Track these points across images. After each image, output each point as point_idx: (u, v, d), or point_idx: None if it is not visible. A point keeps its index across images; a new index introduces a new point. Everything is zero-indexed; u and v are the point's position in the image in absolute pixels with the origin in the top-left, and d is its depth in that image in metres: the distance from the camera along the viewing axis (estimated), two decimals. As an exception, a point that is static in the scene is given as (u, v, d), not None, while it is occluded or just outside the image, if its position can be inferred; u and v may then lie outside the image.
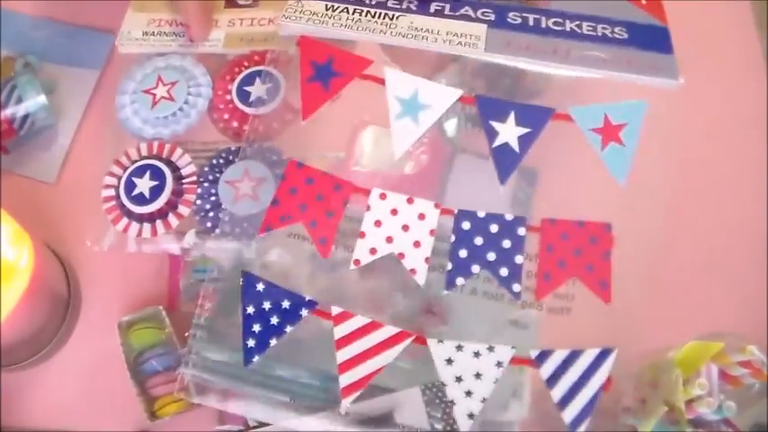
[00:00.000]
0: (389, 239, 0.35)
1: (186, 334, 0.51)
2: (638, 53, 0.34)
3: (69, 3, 0.64)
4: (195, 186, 0.51)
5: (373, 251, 0.35)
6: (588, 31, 0.35)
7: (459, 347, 0.35)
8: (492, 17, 0.36)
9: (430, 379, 0.47)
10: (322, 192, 0.36)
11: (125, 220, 0.51)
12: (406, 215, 0.35)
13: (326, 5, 0.38)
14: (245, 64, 0.55)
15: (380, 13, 0.37)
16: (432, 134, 0.62)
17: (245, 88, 0.54)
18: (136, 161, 0.52)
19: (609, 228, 0.36)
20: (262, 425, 0.50)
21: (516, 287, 0.35)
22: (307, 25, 0.38)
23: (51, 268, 0.54)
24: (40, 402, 0.54)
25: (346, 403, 0.35)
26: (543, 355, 0.35)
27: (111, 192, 0.52)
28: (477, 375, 0.34)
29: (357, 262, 0.35)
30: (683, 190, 0.62)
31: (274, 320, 0.36)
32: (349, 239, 0.35)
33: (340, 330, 0.35)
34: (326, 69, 0.35)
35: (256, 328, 0.36)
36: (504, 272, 0.35)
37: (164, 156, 0.52)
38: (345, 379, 0.34)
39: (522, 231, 0.35)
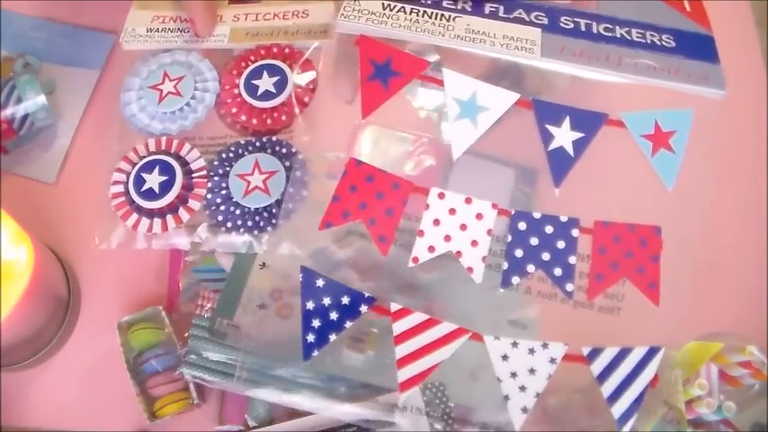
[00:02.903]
0: (447, 238, 0.36)
1: (186, 334, 0.51)
2: (685, 62, 0.34)
3: (69, 3, 0.64)
4: (205, 180, 0.51)
5: (431, 249, 0.36)
6: (638, 38, 0.35)
7: (514, 344, 0.36)
8: (545, 21, 0.36)
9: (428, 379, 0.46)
10: (382, 190, 0.36)
11: (135, 216, 0.51)
12: (463, 214, 0.36)
13: (384, 5, 0.37)
14: (252, 58, 0.55)
15: (437, 14, 0.37)
16: (432, 135, 0.62)
17: (253, 82, 0.54)
18: (144, 157, 0.52)
19: (658, 231, 0.37)
20: (262, 425, 0.50)
21: (569, 287, 0.36)
22: (366, 25, 0.38)
23: (51, 268, 0.54)
24: (40, 402, 0.54)
25: (404, 397, 0.36)
26: (594, 353, 0.36)
27: (120, 188, 0.52)
28: (532, 371, 0.35)
29: (416, 260, 0.36)
30: (682, 189, 0.62)
31: (333, 316, 0.36)
32: (407, 238, 0.36)
33: (399, 326, 0.36)
34: (386, 69, 0.36)
35: (316, 323, 0.37)
36: (558, 272, 0.36)
37: (172, 151, 0.52)
38: (404, 374, 0.35)
39: (575, 233, 0.36)
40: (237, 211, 0.51)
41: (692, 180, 0.38)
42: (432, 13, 0.38)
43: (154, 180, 0.51)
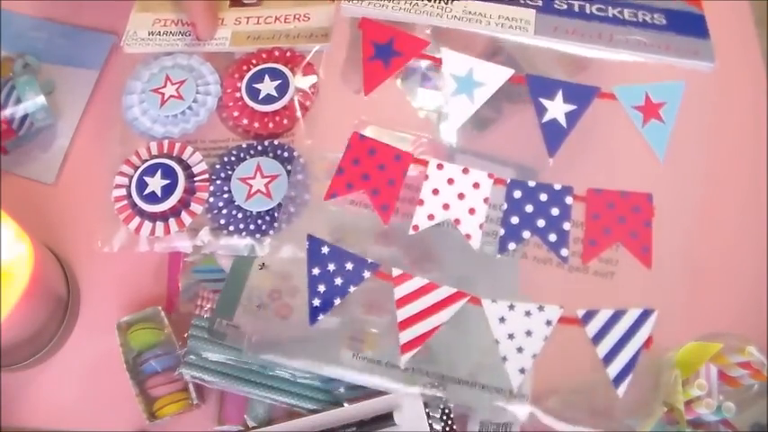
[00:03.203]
0: (446, 207, 0.38)
1: (185, 334, 0.51)
2: (676, 38, 0.36)
3: (69, 3, 0.64)
4: (207, 184, 0.51)
5: (431, 217, 0.38)
6: (629, 17, 0.37)
7: (511, 307, 0.37)
8: (540, 2, 0.38)
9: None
10: (383, 162, 0.38)
11: (137, 220, 0.51)
12: (461, 184, 0.38)
13: None
14: (254, 62, 0.55)
15: None
16: (432, 135, 0.62)
17: (255, 86, 0.54)
18: (146, 160, 0.52)
19: (650, 198, 0.38)
20: (261, 425, 0.50)
21: (564, 252, 0.37)
22: (368, 8, 0.39)
23: (51, 269, 0.54)
24: (40, 402, 0.54)
25: (406, 359, 0.38)
26: (589, 315, 0.37)
27: (122, 191, 0.52)
28: (528, 333, 0.37)
29: (416, 227, 0.38)
30: (682, 189, 0.62)
31: (338, 281, 0.38)
32: (407, 206, 0.38)
33: (399, 291, 0.37)
34: (387, 49, 0.37)
35: (321, 288, 0.39)
36: (552, 237, 0.37)
37: (174, 154, 0.52)
38: (405, 336, 0.37)
39: (569, 200, 0.37)
40: (240, 215, 0.51)
41: (683, 149, 0.39)
42: None
43: (156, 184, 0.51)
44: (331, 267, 0.38)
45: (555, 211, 0.37)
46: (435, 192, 0.38)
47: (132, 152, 0.53)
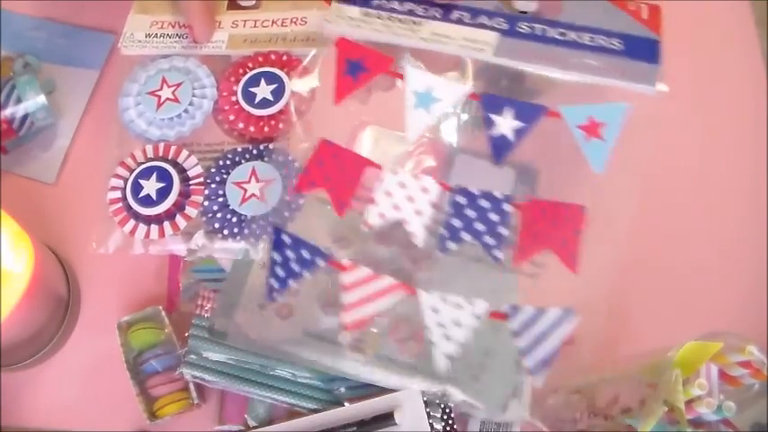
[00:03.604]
0: (396, 207, 0.42)
1: (186, 334, 0.51)
2: (627, 62, 0.39)
3: (69, 3, 0.64)
4: (202, 188, 0.51)
5: (382, 216, 0.42)
6: (588, 41, 0.40)
7: (443, 299, 0.40)
8: (505, 26, 0.42)
9: (431, 373, 0.47)
10: (344, 165, 0.42)
11: (132, 222, 0.51)
12: (411, 188, 0.42)
13: (361, 11, 0.44)
14: (250, 65, 0.55)
15: (408, 20, 0.43)
16: (433, 135, 0.62)
17: (251, 89, 0.54)
18: (142, 163, 0.52)
19: (583, 209, 0.41)
20: (261, 425, 0.50)
21: (498, 254, 0.41)
22: (346, 28, 0.44)
23: (51, 269, 0.54)
24: (40, 402, 0.54)
25: (347, 336, 0.42)
26: (514, 310, 0.40)
27: (118, 194, 0.52)
28: (457, 323, 0.40)
29: (368, 224, 0.42)
30: (683, 189, 0.62)
31: (295, 267, 0.42)
32: (362, 205, 0.42)
33: (347, 278, 0.41)
34: (358, 65, 0.42)
35: (280, 272, 0.43)
36: (489, 240, 0.41)
37: (170, 157, 0.52)
38: (348, 317, 0.41)
39: (507, 208, 0.41)
40: (234, 219, 0.51)
41: (620, 166, 0.42)
42: (403, 18, 0.43)
43: (151, 187, 0.51)
44: (290, 254, 0.42)
45: (494, 217, 0.41)
46: (388, 194, 0.42)
47: (128, 154, 0.53)
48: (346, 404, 0.48)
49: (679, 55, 0.66)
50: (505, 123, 0.38)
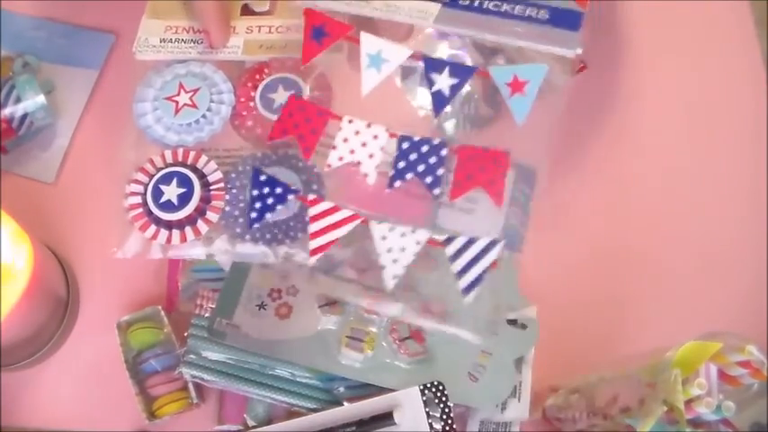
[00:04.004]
0: (352, 151, 0.49)
1: (185, 334, 0.51)
2: (550, 29, 0.46)
3: (69, 3, 0.64)
4: (223, 193, 0.51)
5: (341, 158, 0.49)
6: (518, 12, 0.48)
7: (391, 229, 0.47)
8: None
9: (428, 378, 0.47)
10: (309, 116, 0.49)
11: (153, 227, 0.50)
12: (365, 135, 0.48)
13: None
14: (266, 71, 0.55)
15: None
16: (432, 133, 0.62)
17: (269, 95, 0.54)
18: (161, 168, 0.52)
19: (508, 153, 0.48)
20: (261, 425, 0.50)
21: (437, 191, 0.48)
22: (314, 2, 0.50)
23: (50, 268, 0.54)
24: (40, 402, 0.54)
25: (313, 260, 0.48)
26: (449, 239, 0.47)
27: (138, 199, 0.51)
28: (402, 249, 0.47)
29: (329, 166, 0.49)
30: (683, 189, 0.62)
31: (270, 201, 0.49)
32: (324, 150, 0.49)
33: (313, 210, 0.48)
34: (320, 31, 0.48)
35: (257, 205, 0.49)
36: (429, 179, 0.48)
37: (189, 162, 0.52)
38: (314, 243, 0.47)
39: (444, 152, 0.48)
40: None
41: (535, 117, 0.48)
42: None
43: (172, 192, 0.51)
44: (266, 190, 0.49)
45: (432, 160, 0.48)
46: (345, 140, 0.49)
47: (145, 159, 0.53)
48: (345, 404, 0.48)
49: (679, 55, 0.67)
50: (443, 81, 0.45)
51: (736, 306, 0.58)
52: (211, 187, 0.51)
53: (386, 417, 0.46)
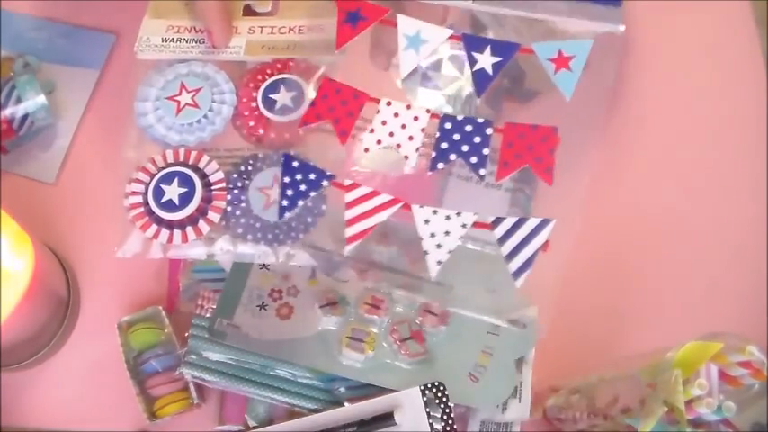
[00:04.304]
0: (391, 134, 0.48)
1: (186, 334, 0.51)
2: (592, 5, 0.45)
3: (69, 3, 0.64)
4: (225, 193, 0.51)
5: (379, 142, 0.48)
6: None
7: (434, 212, 0.46)
8: None
9: (429, 379, 0.47)
10: (345, 98, 0.48)
11: (154, 227, 0.51)
12: (404, 117, 0.47)
13: None
14: (269, 72, 0.55)
15: None
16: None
17: (271, 96, 0.54)
18: (162, 168, 0.52)
19: (556, 130, 0.47)
20: (261, 425, 0.50)
21: (482, 171, 0.47)
22: None
23: (51, 268, 0.54)
24: (40, 402, 0.54)
25: (350, 248, 0.47)
26: (497, 221, 0.46)
27: (139, 198, 0.51)
28: (447, 233, 0.45)
29: (366, 150, 0.48)
30: (684, 189, 0.62)
31: (302, 187, 0.48)
32: (362, 133, 0.48)
33: (350, 196, 0.46)
34: (356, 15, 0.48)
35: (289, 192, 0.48)
36: (473, 160, 0.47)
37: (190, 162, 0.52)
38: (351, 230, 0.46)
39: (489, 131, 0.47)
40: (257, 224, 0.51)
41: (586, 93, 0.48)
42: None
43: (173, 192, 0.51)
44: (298, 177, 0.47)
45: (477, 140, 0.46)
46: (384, 123, 0.48)
47: (146, 159, 0.53)
48: (346, 404, 0.48)
49: (680, 55, 0.67)
50: (485, 59, 0.44)
51: (737, 306, 0.58)
52: (213, 187, 0.51)
53: (386, 417, 0.46)
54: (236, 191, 0.51)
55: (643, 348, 0.46)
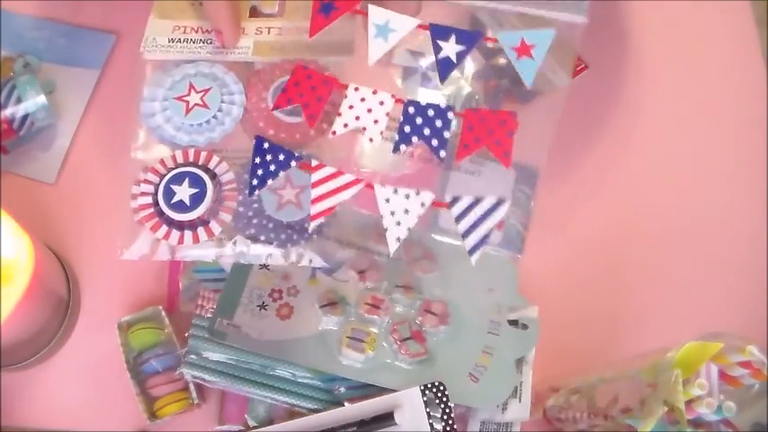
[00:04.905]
0: (357, 118, 0.49)
1: (186, 334, 0.51)
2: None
3: (69, 3, 0.64)
4: (236, 193, 0.51)
5: (345, 125, 0.49)
6: None
7: (395, 191, 0.47)
8: None
9: (428, 379, 0.47)
10: (315, 84, 0.50)
11: (165, 228, 0.50)
12: (370, 102, 0.49)
13: None
14: (277, 72, 0.55)
15: None
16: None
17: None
18: (172, 168, 0.52)
19: (515, 115, 0.48)
20: (262, 425, 0.50)
21: (442, 153, 0.48)
22: None
23: (51, 268, 0.54)
24: (40, 402, 0.54)
25: (314, 224, 0.48)
26: (455, 200, 0.47)
27: (148, 199, 0.51)
28: (406, 211, 0.47)
29: (334, 132, 0.50)
30: (683, 189, 0.63)
31: (272, 168, 0.49)
32: (329, 118, 0.50)
33: (316, 176, 0.48)
34: (329, 6, 0.49)
35: (259, 172, 0.49)
36: (434, 142, 0.48)
37: (200, 163, 0.52)
38: (315, 209, 0.47)
39: (450, 115, 0.48)
40: (270, 225, 0.51)
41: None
42: None
43: (184, 192, 0.51)
44: (268, 158, 0.49)
45: (438, 123, 0.48)
46: (351, 107, 0.49)
47: (153, 160, 0.53)
48: (346, 404, 0.48)
49: (680, 55, 0.67)
50: (449, 47, 0.46)
51: (737, 306, 0.59)
52: (224, 188, 0.51)
53: (387, 417, 0.46)
54: (247, 191, 0.51)
55: (643, 348, 0.46)
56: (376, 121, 0.49)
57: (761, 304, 0.58)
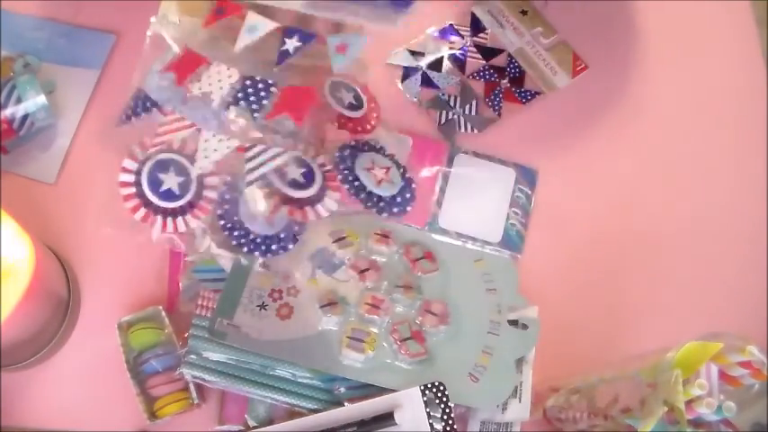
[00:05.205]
0: (210, 85, 0.51)
1: (186, 334, 0.51)
2: (381, 7, 0.51)
3: (70, 3, 0.64)
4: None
5: (199, 89, 0.51)
6: None
7: (215, 135, 0.51)
8: None
9: (429, 379, 0.47)
10: (190, 60, 0.52)
11: (156, 217, 0.51)
12: (221, 74, 0.52)
13: None
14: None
15: None
16: (433, 134, 0.62)
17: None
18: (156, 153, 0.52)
19: (314, 90, 0.52)
20: (262, 425, 0.50)
21: (256, 115, 0.51)
22: None
23: (51, 268, 0.54)
24: (40, 402, 0.54)
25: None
26: (252, 146, 0.50)
27: (130, 177, 0.51)
28: (215, 150, 0.51)
29: (190, 89, 0.51)
30: (683, 189, 0.63)
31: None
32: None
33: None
34: (221, 9, 0.52)
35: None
36: (255, 106, 0.51)
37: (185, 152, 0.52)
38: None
39: (273, 89, 0.51)
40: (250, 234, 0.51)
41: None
42: None
43: (171, 180, 0.51)
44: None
45: (262, 94, 0.51)
46: (209, 83, 0.51)
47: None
48: (346, 404, 0.48)
49: (680, 55, 0.67)
50: (291, 43, 0.51)
51: (737, 306, 0.59)
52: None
53: (387, 417, 0.46)
54: (226, 206, 0.52)
55: (643, 348, 0.46)
56: (221, 89, 0.53)
57: (761, 304, 0.58)
